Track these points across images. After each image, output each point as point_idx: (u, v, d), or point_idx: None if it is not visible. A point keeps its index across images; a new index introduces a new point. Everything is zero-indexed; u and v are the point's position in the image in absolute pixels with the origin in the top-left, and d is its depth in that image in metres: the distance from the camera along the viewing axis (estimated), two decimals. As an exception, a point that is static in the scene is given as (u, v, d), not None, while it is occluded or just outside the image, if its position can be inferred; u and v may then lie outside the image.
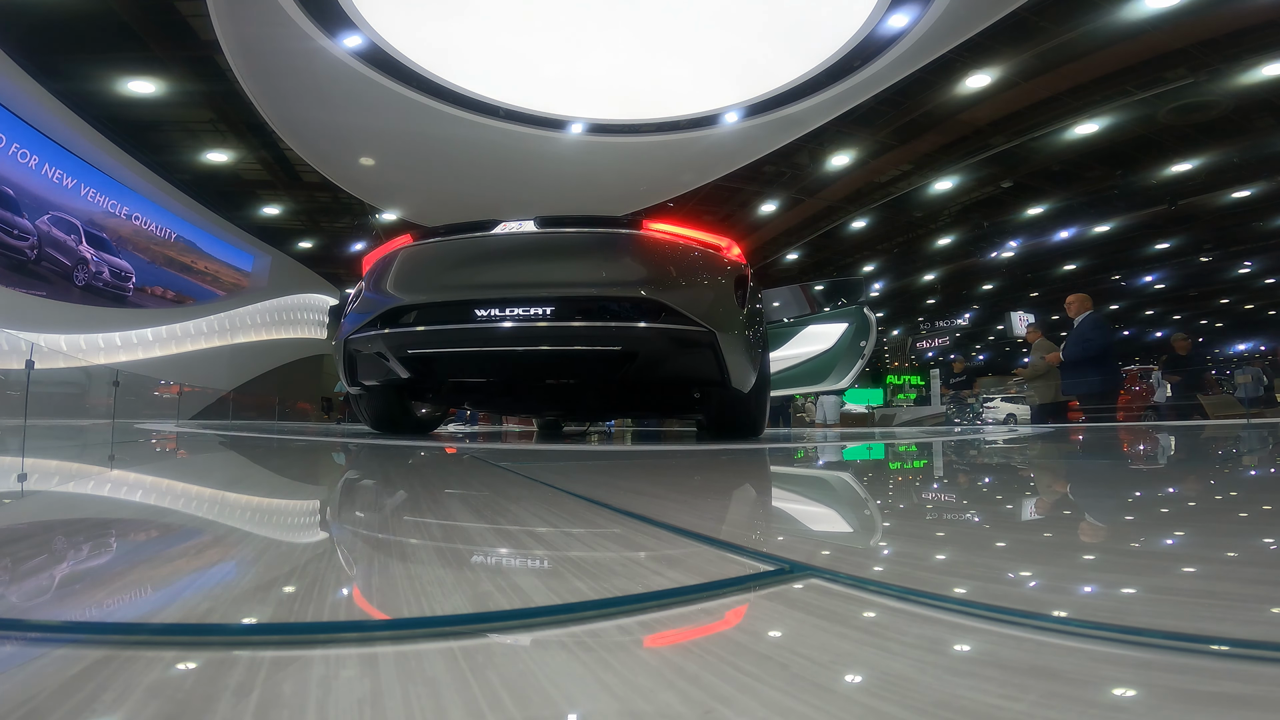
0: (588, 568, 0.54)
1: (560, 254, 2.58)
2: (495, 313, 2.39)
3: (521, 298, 2.40)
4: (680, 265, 2.53)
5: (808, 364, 5.49)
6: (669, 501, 1.03)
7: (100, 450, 2.42)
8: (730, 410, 2.84)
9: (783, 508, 1.07)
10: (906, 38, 7.97)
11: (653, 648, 0.35)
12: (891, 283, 20.16)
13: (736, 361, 2.46)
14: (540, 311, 2.35)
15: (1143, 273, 20.13)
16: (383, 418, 3.31)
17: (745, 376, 2.57)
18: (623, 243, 2.55)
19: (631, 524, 0.77)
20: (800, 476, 1.67)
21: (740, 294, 2.59)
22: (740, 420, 2.89)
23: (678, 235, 2.61)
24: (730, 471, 1.64)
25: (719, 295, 2.51)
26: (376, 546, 0.65)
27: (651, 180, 11.71)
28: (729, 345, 2.41)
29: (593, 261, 2.52)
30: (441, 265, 2.68)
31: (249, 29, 7.73)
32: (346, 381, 2.87)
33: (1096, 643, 0.36)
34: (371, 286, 2.74)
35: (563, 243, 2.60)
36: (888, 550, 0.67)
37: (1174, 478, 1.63)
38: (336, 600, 0.44)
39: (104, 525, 0.85)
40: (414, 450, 2.19)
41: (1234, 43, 7.99)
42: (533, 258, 2.59)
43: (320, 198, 12.55)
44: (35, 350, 7.84)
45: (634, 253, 2.53)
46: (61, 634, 0.37)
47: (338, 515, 0.89)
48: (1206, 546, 0.68)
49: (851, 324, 5.50)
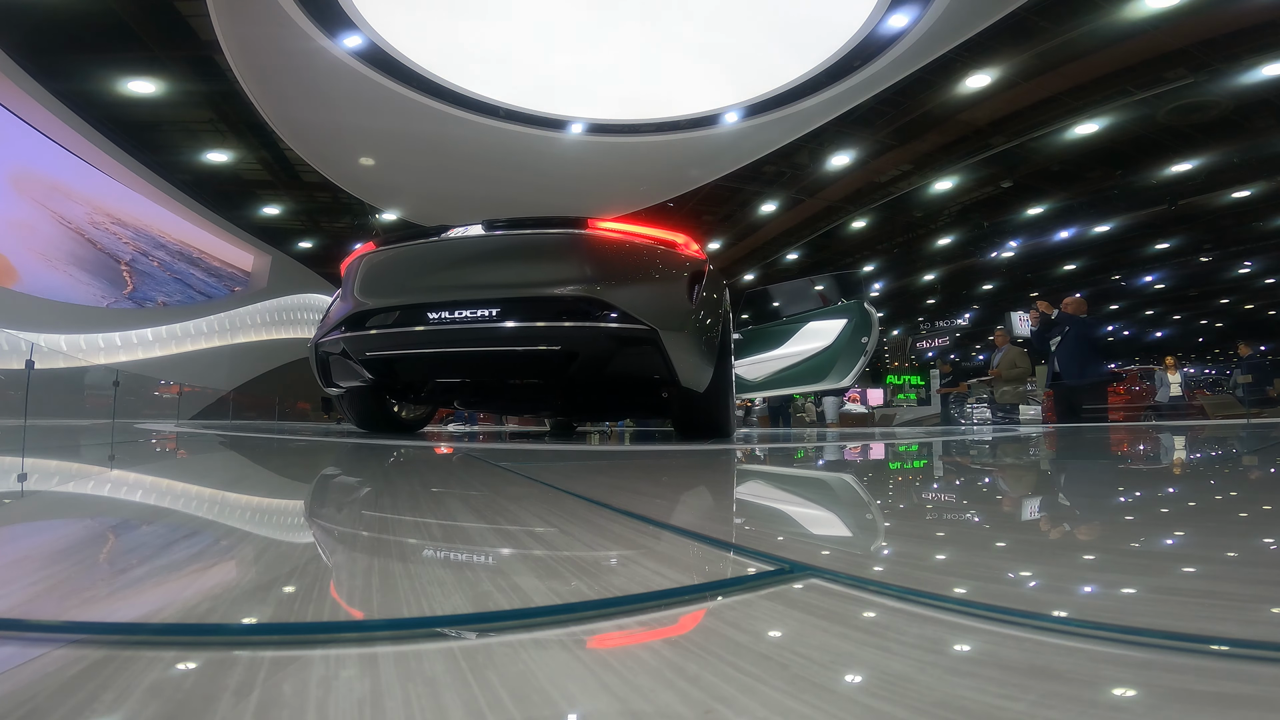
0: (588, 568, 0.54)
1: (506, 256, 2.62)
2: (445, 315, 2.48)
3: (469, 300, 2.48)
4: (624, 263, 2.53)
5: (807, 362, 5.33)
6: (666, 501, 1.03)
7: (100, 450, 2.42)
8: (692, 410, 2.82)
9: (783, 508, 1.07)
10: (906, 38, 7.97)
11: (652, 648, 0.35)
12: (891, 283, 20.16)
13: (684, 360, 2.44)
14: (486, 313, 2.43)
15: (1143, 273, 20.14)
16: (364, 417, 3.42)
17: (697, 375, 2.53)
18: (566, 243, 2.57)
19: (631, 524, 0.77)
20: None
21: (694, 291, 2.56)
22: (701, 420, 2.85)
23: (625, 233, 2.61)
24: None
25: (665, 292, 2.50)
26: (376, 546, 0.65)
27: (651, 180, 11.71)
28: (675, 343, 2.40)
29: (536, 262, 2.56)
30: (397, 271, 2.76)
31: (249, 29, 7.73)
32: (321, 383, 2.99)
33: (1096, 643, 0.36)
34: (341, 292, 2.88)
35: (508, 245, 2.64)
36: (888, 550, 0.67)
37: (1180, 478, 1.63)
38: (336, 600, 0.44)
39: (104, 525, 0.85)
40: (411, 450, 2.18)
41: (1234, 43, 7.99)
42: (481, 261, 2.64)
43: (320, 198, 12.55)
44: (35, 350, 7.85)
45: (577, 252, 2.55)
46: (61, 634, 0.37)
47: (337, 515, 0.89)
48: (1206, 546, 0.68)
49: (852, 320, 5.33)
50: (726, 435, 2.89)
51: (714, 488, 1.32)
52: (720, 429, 2.85)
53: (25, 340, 7.86)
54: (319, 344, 2.83)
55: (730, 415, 2.86)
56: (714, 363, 2.61)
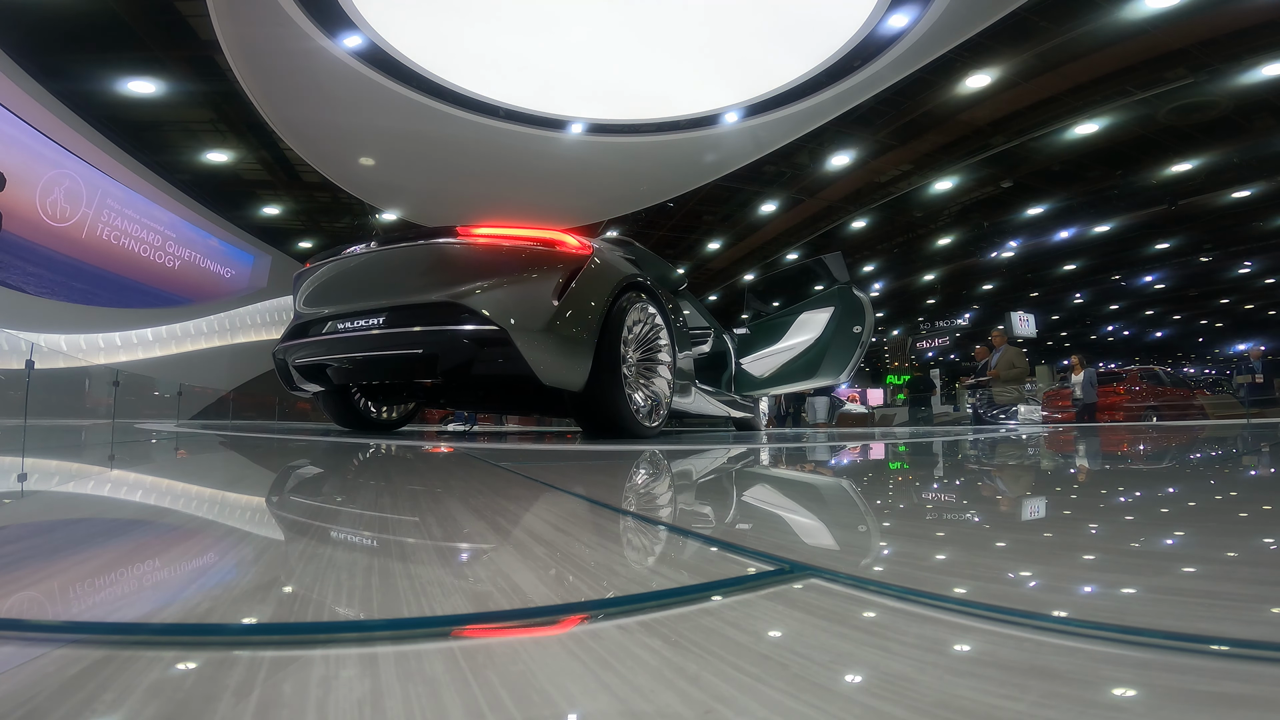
0: (588, 567, 0.54)
1: (390, 269, 2.82)
2: (343, 325, 2.74)
3: (361, 310, 2.73)
4: (486, 268, 2.62)
5: (802, 356, 4.87)
6: (662, 500, 1.03)
7: (100, 450, 2.42)
8: (581, 408, 2.87)
9: (784, 508, 1.07)
10: (906, 38, 7.98)
11: (653, 648, 0.35)
12: (891, 283, 20.15)
13: (543, 358, 2.48)
14: (373, 322, 2.67)
15: (1143, 273, 20.14)
16: (339, 417, 3.68)
17: (565, 374, 2.56)
18: (433, 253, 2.73)
19: (631, 523, 0.77)
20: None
21: (563, 289, 2.59)
22: (595, 419, 2.87)
23: (493, 238, 2.69)
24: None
25: (524, 293, 2.56)
26: (376, 546, 0.65)
27: (651, 180, 11.71)
28: (531, 342, 2.46)
29: (409, 273, 2.74)
30: (318, 286, 3.02)
31: (249, 29, 7.73)
32: (285, 386, 3.23)
33: (1096, 643, 0.36)
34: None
35: (391, 258, 2.83)
36: (887, 550, 0.67)
37: (1168, 475, 1.63)
38: (336, 600, 0.44)
39: (104, 525, 0.85)
40: (410, 448, 2.19)
41: (1234, 43, 7.99)
42: (372, 274, 2.88)
43: (320, 198, 12.55)
44: (35, 350, 7.84)
45: (442, 261, 2.70)
46: (61, 634, 0.37)
47: (336, 514, 0.89)
48: (1206, 546, 0.68)
49: (837, 307, 4.84)
50: (635, 434, 2.81)
51: (713, 489, 1.32)
52: (621, 427, 2.79)
53: (25, 340, 7.85)
54: (274, 353, 3.13)
55: (626, 411, 2.75)
56: (589, 360, 2.61)
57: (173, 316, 11.87)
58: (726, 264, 16.69)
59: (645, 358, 3.06)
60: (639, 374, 3.03)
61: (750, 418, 5.43)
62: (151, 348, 11.20)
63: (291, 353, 2.96)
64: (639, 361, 3.03)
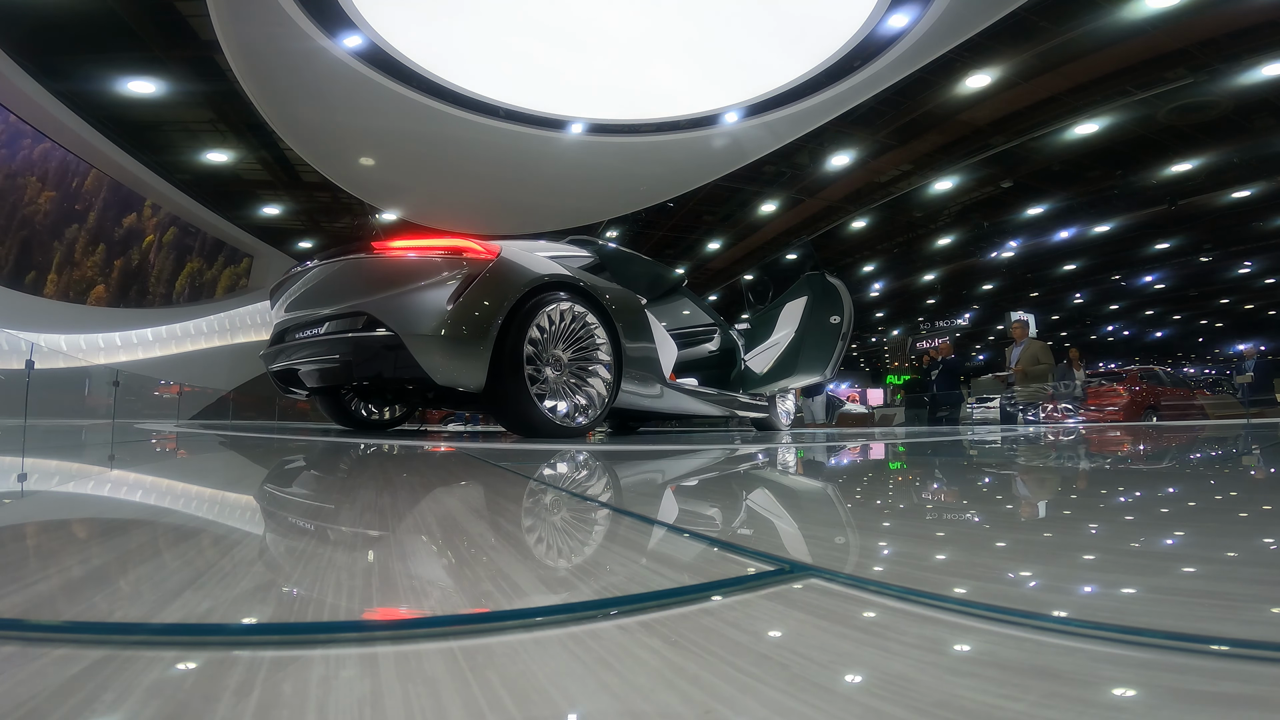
0: (588, 567, 0.54)
1: (324, 282, 3.02)
2: (299, 335, 3.00)
3: (307, 320, 2.98)
4: (388, 278, 2.77)
5: (785, 352, 4.65)
6: (664, 501, 1.03)
7: (100, 450, 2.42)
8: (490, 407, 2.99)
9: (783, 508, 1.07)
10: (906, 38, 7.97)
11: (653, 648, 0.35)
12: (891, 283, 20.15)
13: (436, 360, 2.60)
14: (310, 333, 2.92)
15: (1143, 273, 20.14)
16: (334, 416, 3.95)
17: (460, 375, 2.64)
18: (349, 267, 2.93)
19: (631, 523, 0.77)
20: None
21: (461, 293, 2.68)
22: (507, 418, 2.95)
23: (398, 249, 2.85)
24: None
25: (420, 299, 2.68)
26: (376, 545, 0.65)
27: (651, 180, 11.71)
28: (424, 345, 2.59)
29: (337, 285, 2.95)
30: (280, 296, 3.25)
31: (249, 29, 7.73)
32: (278, 389, 3.44)
33: (1096, 643, 0.36)
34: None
35: (326, 272, 3.02)
36: (887, 550, 0.67)
37: (1169, 474, 1.62)
38: (336, 600, 0.44)
39: (104, 525, 0.85)
40: (408, 448, 2.19)
41: (1234, 43, 7.99)
42: (316, 286, 3.07)
43: (320, 198, 12.54)
44: (35, 350, 7.84)
45: (355, 274, 2.90)
46: (61, 634, 0.37)
47: (336, 514, 0.89)
48: (1206, 546, 0.68)
49: (808, 296, 4.55)
50: (552, 434, 2.85)
51: (713, 489, 1.32)
52: (532, 426, 2.83)
53: (25, 340, 7.85)
54: (261, 356, 3.37)
55: (532, 409, 2.78)
56: (486, 361, 2.67)
57: (173, 316, 11.87)
58: (726, 264, 16.68)
59: (579, 357, 3.06)
60: (573, 373, 3.03)
61: (766, 417, 5.22)
62: (151, 348, 11.20)
63: (268, 359, 3.25)
64: (571, 361, 3.03)
